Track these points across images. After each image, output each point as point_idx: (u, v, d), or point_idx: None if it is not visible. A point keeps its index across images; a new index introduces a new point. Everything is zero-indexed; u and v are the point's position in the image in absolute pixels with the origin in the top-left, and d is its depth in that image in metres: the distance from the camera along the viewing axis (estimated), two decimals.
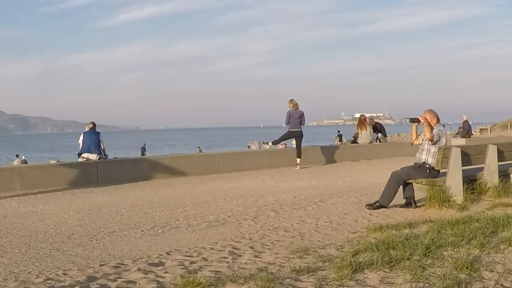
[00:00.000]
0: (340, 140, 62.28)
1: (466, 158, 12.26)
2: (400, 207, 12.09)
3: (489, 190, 12.63)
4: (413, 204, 12.08)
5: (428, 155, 12.06)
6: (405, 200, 12.25)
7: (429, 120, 12.09)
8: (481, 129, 70.48)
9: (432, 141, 11.96)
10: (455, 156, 11.84)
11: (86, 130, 20.90)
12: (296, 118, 22.97)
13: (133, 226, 10.94)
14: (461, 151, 12.01)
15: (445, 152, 11.79)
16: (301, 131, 23.31)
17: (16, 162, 45.38)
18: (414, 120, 12.29)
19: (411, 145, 13.22)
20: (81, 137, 20.52)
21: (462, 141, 33.17)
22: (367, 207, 12.05)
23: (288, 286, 6.02)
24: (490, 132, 78.13)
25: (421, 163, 12.09)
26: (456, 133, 44.08)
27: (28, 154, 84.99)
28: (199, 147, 76.42)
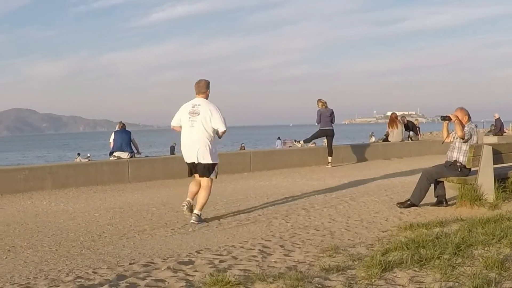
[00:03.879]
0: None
1: (497, 156, 12.15)
2: (431, 205, 12.03)
3: None
4: (444, 202, 12.02)
5: (459, 153, 11.98)
6: (436, 198, 12.18)
7: (460, 118, 12.01)
8: None
9: (463, 139, 11.88)
10: (487, 154, 11.74)
11: (116, 129, 21.04)
12: (327, 116, 22.96)
13: (163, 224, 10.98)
14: (493, 149, 11.91)
15: (476, 150, 11.71)
16: (332, 129, 23.28)
17: (78, 161, 45.60)
18: (445, 118, 12.21)
19: (442, 143, 13.15)
20: (112, 136, 20.66)
21: (494, 139, 32.88)
22: (398, 205, 12.01)
23: (317, 285, 6.01)
24: None
25: (452, 161, 12.02)
26: (488, 131, 43.73)
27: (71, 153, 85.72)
28: (243, 144, 75.48)
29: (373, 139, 63.92)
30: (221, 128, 11.43)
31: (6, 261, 8.35)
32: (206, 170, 11.49)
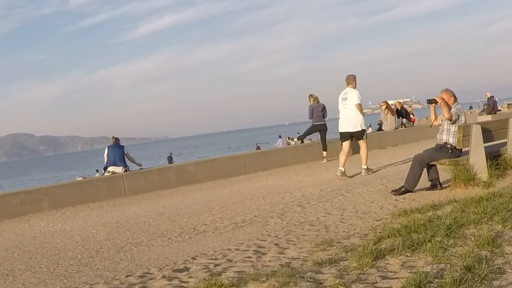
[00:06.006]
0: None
1: (487, 134, 12.16)
2: (426, 190, 12.06)
3: None
4: (439, 185, 12.04)
5: (448, 135, 12.00)
6: (430, 182, 12.20)
7: (446, 100, 12.02)
8: (508, 104, 69.45)
9: (451, 120, 11.90)
10: (476, 133, 11.75)
11: (110, 144, 21.09)
12: (319, 111, 22.99)
13: (160, 234, 10.99)
14: (482, 127, 11.92)
15: (465, 130, 11.71)
16: (325, 124, 23.31)
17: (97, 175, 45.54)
18: (431, 101, 12.22)
19: (430, 126, 13.20)
20: (106, 151, 20.71)
21: (488, 118, 32.90)
22: (393, 193, 12.02)
23: (309, 279, 5.99)
24: None
25: (442, 143, 12.04)
26: (482, 111, 43.78)
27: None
28: (258, 144, 75.55)
29: (370, 130, 63.93)
30: (355, 102, 16.55)
31: (5, 285, 8.37)
32: (360, 134, 16.94)
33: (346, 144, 17.09)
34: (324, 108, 23.22)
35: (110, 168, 20.17)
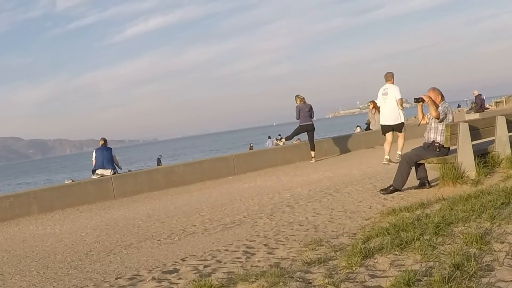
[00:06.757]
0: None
1: (475, 132, 12.20)
2: (414, 188, 12.08)
3: (502, 161, 12.52)
4: (427, 184, 12.07)
5: (436, 134, 12.03)
6: (418, 181, 12.22)
7: (433, 98, 12.07)
8: (496, 102, 69.39)
9: (438, 119, 11.93)
10: (464, 132, 11.79)
11: (98, 147, 21.08)
12: (306, 111, 22.98)
13: (149, 236, 10.99)
14: (469, 125, 11.95)
15: (453, 129, 11.75)
16: (312, 124, 23.28)
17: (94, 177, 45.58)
18: (418, 100, 12.26)
19: (418, 125, 13.24)
20: (94, 154, 20.71)
21: (476, 116, 32.97)
22: (381, 192, 12.04)
23: (298, 279, 5.99)
24: (506, 104, 76.74)
25: (430, 142, 12.08)
26: (470, 109, 43.86)
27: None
28: (251, 144, 75.26)
29: (358, 129, 63.87)
30: (398, 96, 18.34)
31: None
32: (400, 127, 18.70)
33: (389, 135, 18.82)
34: (311, 108, 23.20)
35: (98, 171, 20.17)
